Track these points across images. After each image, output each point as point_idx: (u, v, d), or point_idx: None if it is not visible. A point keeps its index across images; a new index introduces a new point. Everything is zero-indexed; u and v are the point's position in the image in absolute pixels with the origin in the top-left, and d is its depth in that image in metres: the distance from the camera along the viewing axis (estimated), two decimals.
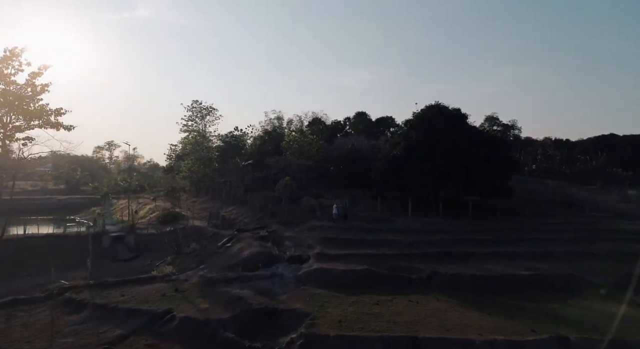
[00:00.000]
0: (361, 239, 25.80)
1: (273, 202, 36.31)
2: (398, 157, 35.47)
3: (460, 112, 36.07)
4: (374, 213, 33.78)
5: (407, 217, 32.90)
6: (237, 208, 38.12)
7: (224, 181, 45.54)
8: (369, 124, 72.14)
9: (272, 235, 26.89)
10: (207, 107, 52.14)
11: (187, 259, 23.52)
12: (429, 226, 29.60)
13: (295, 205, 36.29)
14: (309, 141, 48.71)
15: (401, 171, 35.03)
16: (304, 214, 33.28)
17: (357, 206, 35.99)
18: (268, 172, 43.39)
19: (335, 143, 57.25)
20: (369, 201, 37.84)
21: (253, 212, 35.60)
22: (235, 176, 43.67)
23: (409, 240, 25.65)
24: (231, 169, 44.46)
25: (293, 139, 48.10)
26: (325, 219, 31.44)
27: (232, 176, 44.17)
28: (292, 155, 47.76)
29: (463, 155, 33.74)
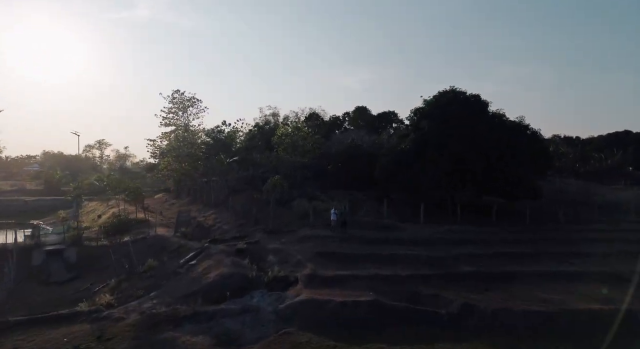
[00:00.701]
0: (365, 253, 20.24)
1: (259, 206, 30.72)
2: (406, 152, 29.93)
3: (480, 99, 30.53)
4: (379, 219, 28.20)
5: (419, 223, 27.35)
6: (218, 212, 32.52)
7: (207, 181, 39.91)
8: (370, 119, 66.50)
9: (252, 248, 21.31)
10: (190, 98, 46.47)
11: (137, 281, 17.92)
12: (448, 236, 24.05)
13: (286, 209, 30.71)
14: (303, 135, 43.16)
15: (410, 169, 29.48)
16: (295, 220, 27.70)
17: (359, 209, 30.44)
18: (255, 171, 37.77)
19: (333, 139, 51.73)
20: (372, 204, 32.30)
21: (235, 217, 30.03)
22: (218, 174, 38.05)
23: (427, 255, 20.09)
24: (214, 166, 38.82)
25: (285, 133, 42.56)
26: (320, 227, 25.88)
27: (216, 174, 38.54)
28: (284, 151, 42.22)
29: (485, 149, 28.23)
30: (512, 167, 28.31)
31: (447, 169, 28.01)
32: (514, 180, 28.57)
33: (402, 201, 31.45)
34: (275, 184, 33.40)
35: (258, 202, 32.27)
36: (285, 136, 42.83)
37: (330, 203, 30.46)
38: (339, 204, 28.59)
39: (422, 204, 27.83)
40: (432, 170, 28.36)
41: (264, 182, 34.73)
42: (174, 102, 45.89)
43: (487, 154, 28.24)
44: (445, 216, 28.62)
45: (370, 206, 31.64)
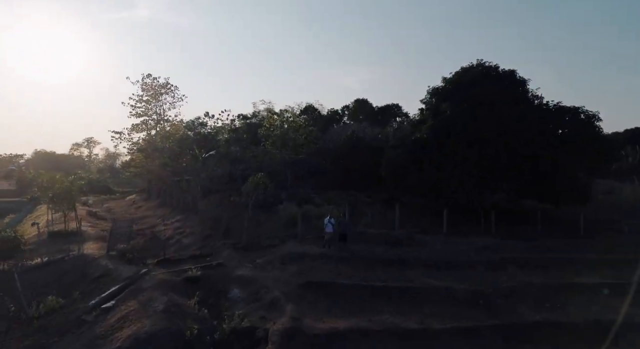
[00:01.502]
0: (375, 286, 13.70)
1: (235, 211, 24.20)
2: (423, 142, 23.42)
3: (516, 75, 24.02)
4: (388, 229, 21.68)
5: (441, 235, 20.87)
6: (184, 220, 26.00)
7: (178, 180, 33.34)
8: (371, 113, 60.03)
9: (210, 275, 14.76)
10: (164, 84, 39.86)
11: (13, 340, 11.32)
12: (486, 254, 17.54)
13: (270, 215, 24.20)
14: (294, 126, 36.66)
15: (428, 164, 23.01)
16: (281, 230, 21.20)
17: (362, 216, 23.91)
18: (234, 168, 31.19)
19: (330, 132, 45.32)
20: (378, 208, 25.82)
21: (203, 226, 23.50)
22: (191, 172, 31.49)
23: (465, 288, 13.56)
24: (189, 163, 32.26)
25: (273, 124, 36.05)
26: (312, 240, 19.43)
27: (188, 172, 31.96)
28: (273, 145, 35.71)
29: (526, 139, 21.78)
30: (561, 162, 21.83)
31: (477, 164, 21.51)
32: (562, 179, 22.11)
33: (416, 206, 24.96)
34: (257, 183, 26.83)
35: (234, 207, 25.74)
36: (274, 128, 36.33)
37: (325, 208, 23.95)
38: (336, 210, 22.04)
39: (444, 210, 21.29)
40: (457, 165, 21.86)
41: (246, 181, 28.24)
42: (144, 88, 39.27)
43: (527, 145, 21.78)
44: (474, 225, 22.13)
45: (376, 211, 25.12)
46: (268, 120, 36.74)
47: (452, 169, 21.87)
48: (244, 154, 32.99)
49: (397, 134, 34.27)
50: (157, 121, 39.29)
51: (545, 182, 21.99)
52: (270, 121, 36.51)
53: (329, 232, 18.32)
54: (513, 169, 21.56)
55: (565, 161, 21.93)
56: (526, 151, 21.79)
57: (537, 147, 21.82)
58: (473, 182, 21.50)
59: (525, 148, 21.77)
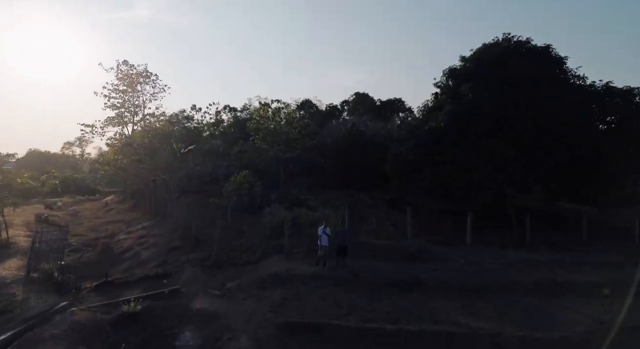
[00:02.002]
0: (389, 332, 9.59)
1: (212, 216, 20.06)
2: (438, 132, 19.29)
3: (552, 52, 19.87)
4: (396, 238, 17.56)
5: (465, 246, 16.75)
6: (153, 226, 21.88)
7: (154, 180, 29.22)
8: (372, 107, 55.84)
9: (156, 309, 10.62)
10: (142, 72, 35.69)
11: None
12: (528, 270, 13.39)
13: (255, 220, 20.10)
14: (289, 119, 32.60)
15: (444, 158, 18.91)
16: (264, 241, 17.05)
17: (365, 221, 19.75)
18: (216, 165, 27.01)
19: (328, 127, 41.24)
20: (383, 211, 21.72)
21: (171, 235, 19.35)
22: (169, 171, 27.36)
23: (517, 335, 9.43)
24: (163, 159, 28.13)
25: (264, 116, 31.93)
26: (302, 255, 15.32)
27: (167, 171, 27.84)
28: (264, 140, 31.63)
29: (566, 128, 17.67)
30: (607, 156, 17.72)
31: (507, 158, 17.39)
32: (609, 178, 18.03)
33: (430, 209, 20.82)
34: (241, 183, 22.77)
35: (213, 211, 21.63)
36: (265, 120, 32.23)
37: (320, 212, 19.85)
38: (333, 215, 17.93)
39: (468, 214, 17.12)
40: (482, 159, 17.74)
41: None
42: (120, 77, 35.08)
43: (567, 135, 17.66)
44: (503, 233, 17.98)
45: (381, 215, 20.98)
46: (258, 111, 32.61)
47: (476, 163, 17.75)
48: (229, 149, 28.84)
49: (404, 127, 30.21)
50: (134, 113, 35.11)
51: (589, 180, 17.87)
52: (260, 112, 32.39)
53: (323, 247, 14.18)
54: (550, 163, 17.43)
55: (613, 154, 17.81)
56: (566, 141, 17.67)
57: (578, 137, 17.69)
58: (502, 179, 17.36)
59: (564, 138, 17.64)
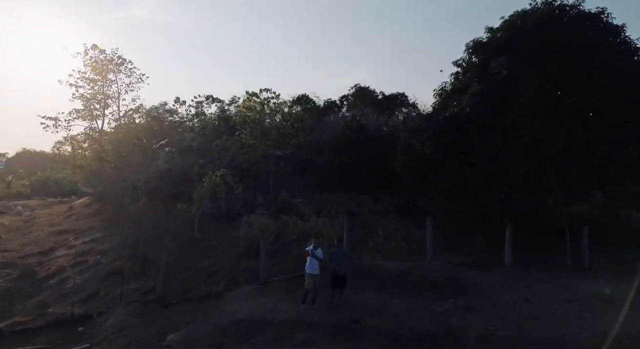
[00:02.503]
0: None
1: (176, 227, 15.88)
2: (463, 118, 15.05)
3: (606, 18, 15.64)
4: (411, 257, 13.32)
5: (506, 270, 12.55)
6: (105, 238, 17.66)
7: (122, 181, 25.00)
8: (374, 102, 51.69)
9: None
10: (114, 59, 31.47)
11: None
12: (612, 314, 9.18)
13: (226, 233, 15.92)
14: (278, 110, 28.46)
15: (472, 152, 14.74)
16: (234, 265, 12.84)
17: (368, 233, 15.49)
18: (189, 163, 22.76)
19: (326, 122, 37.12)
20: (392, 220, 17.52)
21: (121, 250, 15.13)
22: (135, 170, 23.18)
23: None
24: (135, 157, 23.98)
25: (250, 107, 27.74)
26: (286, 285, 11.13)
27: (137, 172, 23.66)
28: (251, 135, 27.46)
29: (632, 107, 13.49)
30: None
31: (555, 152, 13.21)
32: None
33: (450, 216, 16.64)
34: (216, 185, 18.59)
35: (181, 219, 17.45)
36: (253, 112, 28.07)
37: (312, 220, 15.71)
38: (329, 226, 13.74)
39: (507, 225, 12.87)
40: (521, 153, 13.56)
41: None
42: (87, 63, 30.83)
43: (634, 120, 13.50)
44: (546, 249, 13.76)
45: (390, 225, 16.77)
46: (245, 102, 28.40)
47: (514, 157, 13.56)
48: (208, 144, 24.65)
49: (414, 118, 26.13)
50: (104, 105, 30.93)
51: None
52: (247, 102, 28.17)
53: (312, 275, 9.98)
54: (614, 158, 13.25)
55: None
56: (630, 128, 13.53)
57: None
58: (551, 179, 13.16)
59: (629, 124, 13.48)
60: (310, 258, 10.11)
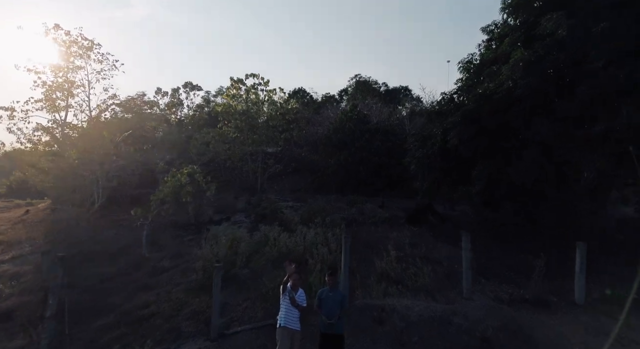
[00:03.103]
0: None
1: (128, 241, 11.87)
2: (502, 96, 11.03)
3: None
4: (441, 291, 9.33)
5: (579, 309, 8.55)
6: (31, 256, 13.61)
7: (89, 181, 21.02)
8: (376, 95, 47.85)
9: None
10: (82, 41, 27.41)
11: None
12: None
13: (186, 249, 11.92)
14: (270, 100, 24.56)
15: (513, 141, 10.76)
16: (179, 304, 8.84)
17: (375, 252, 11.50)
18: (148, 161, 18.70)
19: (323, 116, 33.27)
20: (404, 233, 13.48)
21: (37, 275, 11.07)
22: (96, 169, 19.15)
23: None
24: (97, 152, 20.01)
25: (234, 95, 23.80)
26: (253, 338, 7.13)
27: (94, 169, 19.63)
28: (236, 128, 23.55)
29: None
30: None
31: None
32: None
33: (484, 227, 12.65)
34: (180, 186, 14.68)
35: (128, 231, 13.48)
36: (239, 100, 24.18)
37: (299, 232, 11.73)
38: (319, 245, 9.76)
39: (578, 245, 8.89)
40: (598, 142, 9.57)
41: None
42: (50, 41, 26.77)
43: None
44: (630, 275, 9.82)
45: (403, 240, 12.74)
46: (229, 90, 24.47)
47: (587, 150, 9.59)
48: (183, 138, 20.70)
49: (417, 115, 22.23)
50: (68, 94, 26.89)
51: None
52: (231, 90, 24.25)
53: (287, 330, 6.03)
54: None
55: None
56: None
57: None
58: None
59: None
60: (284, 300, 6.19)
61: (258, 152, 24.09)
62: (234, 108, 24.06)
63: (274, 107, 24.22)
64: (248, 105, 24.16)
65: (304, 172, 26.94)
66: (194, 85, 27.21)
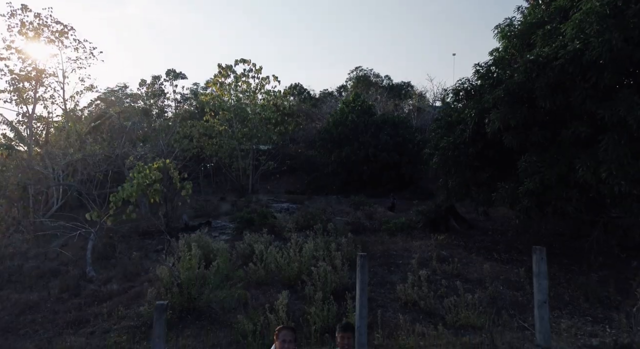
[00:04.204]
0: None
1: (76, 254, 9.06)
2: (562, 65, 8.29)
3: None
4: (486, 319, 6.53)
5: None
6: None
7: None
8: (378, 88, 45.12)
9: None
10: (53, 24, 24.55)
11: None
12: None
13: (145, 264, 9.12)
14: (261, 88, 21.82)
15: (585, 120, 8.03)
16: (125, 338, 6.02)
17: (393, 270, 8.72)
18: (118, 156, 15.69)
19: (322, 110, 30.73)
20: (427, 244, 10.73)
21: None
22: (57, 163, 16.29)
23: None
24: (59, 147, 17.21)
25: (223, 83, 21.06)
26: None
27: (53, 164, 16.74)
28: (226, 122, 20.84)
29: None
30: None
31: None
32: None
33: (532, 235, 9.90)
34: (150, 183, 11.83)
35: (77, 240, 10.66)
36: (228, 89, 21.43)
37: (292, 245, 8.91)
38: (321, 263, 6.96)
39: None
40: None
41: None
42: (11, 27, 23.90)
43: None
44: None
45: (428, 251, 9.97)
46: (216, 77, 21.68)
47: None
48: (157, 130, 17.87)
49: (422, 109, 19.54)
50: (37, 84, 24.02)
51: None
52: (219, 77, 21.47)
53: None
54: None
55: None
56: None
57: None
58: None
59: None
60: None
61: (249, 148, 21.36)
62: (221, 98, 21.35)
63: (267, 96, 21.49)
64: (238, 94, 21.46)
65: (301, 171, 24.22)
66: (178, 73, 24.30)
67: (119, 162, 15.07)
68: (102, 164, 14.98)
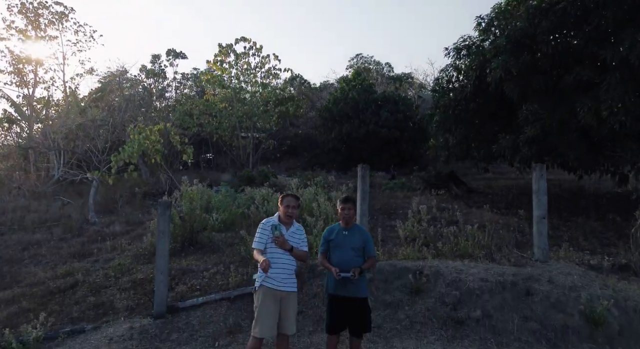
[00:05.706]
0: None
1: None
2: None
3: None
4: (492, 252, 6.58)
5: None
6: None
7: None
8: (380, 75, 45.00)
9: None
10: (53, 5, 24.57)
11: None
12: None
13: (148, 216, 9.17)
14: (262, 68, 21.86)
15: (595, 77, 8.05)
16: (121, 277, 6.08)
17: (393, 217, 8.77)
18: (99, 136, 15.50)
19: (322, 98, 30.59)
20: (427, 198, 10.77)
21: None
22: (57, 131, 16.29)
23: None
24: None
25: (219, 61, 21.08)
26: (215, 320, 4.38)
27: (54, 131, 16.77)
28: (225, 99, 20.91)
29: None
30: None
31: None
32: None
33: None
34: (151, 142, 12.02)
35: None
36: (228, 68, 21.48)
37: (289, 184, 8.88)
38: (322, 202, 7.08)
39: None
40: None
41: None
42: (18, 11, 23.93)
43: None
44: None
45: (427, 202, 10.02)
46: (216, 57, 21.70)
47: None
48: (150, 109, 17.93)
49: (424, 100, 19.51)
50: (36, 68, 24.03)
51: None
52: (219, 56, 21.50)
53: (273, 293, 3.31)
54: None
55: None
56: None
57: None
58: None
59: None
60: (269, 245, 3.50)
61: (249, 126, 21.41)
62: (221, 76, 21.40)
63: (268, 73, 21.56)
64: (238, 73, 21.51)
65: (301, 150, 24.28)
66: (178, 53, 24.28)
67: (119, 132, 15.11)
68: (103, 133, 15.01)
